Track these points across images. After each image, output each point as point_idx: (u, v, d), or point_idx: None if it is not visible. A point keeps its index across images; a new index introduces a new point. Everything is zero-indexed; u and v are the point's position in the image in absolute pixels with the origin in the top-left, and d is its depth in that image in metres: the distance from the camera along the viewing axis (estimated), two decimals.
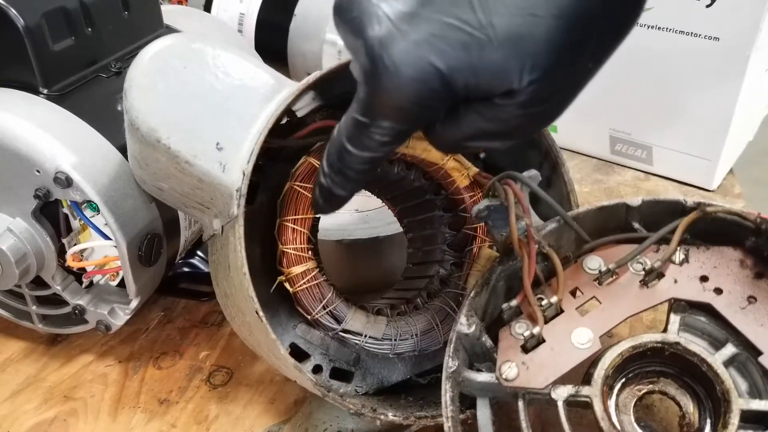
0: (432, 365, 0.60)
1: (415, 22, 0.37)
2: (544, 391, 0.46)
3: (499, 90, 0.38)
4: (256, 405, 0.66)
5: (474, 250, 0.63)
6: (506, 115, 0.39)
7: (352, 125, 0.41)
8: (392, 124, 0.40)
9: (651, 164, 0.98)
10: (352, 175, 0.43)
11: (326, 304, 0.56)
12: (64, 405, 0.66)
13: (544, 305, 0.49)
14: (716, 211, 0.51)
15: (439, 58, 0.37)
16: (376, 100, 0.39)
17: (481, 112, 0.40)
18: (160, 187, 0.58)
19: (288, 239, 0.55)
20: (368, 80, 0.39)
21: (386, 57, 0.37)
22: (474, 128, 0.40)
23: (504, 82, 0.37)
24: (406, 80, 0.37)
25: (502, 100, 0.38)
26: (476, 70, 0.37)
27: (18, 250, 0.61)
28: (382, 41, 0.37)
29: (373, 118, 0.40)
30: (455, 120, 0.41)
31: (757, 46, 0.83)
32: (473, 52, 0.37)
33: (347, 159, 0.42)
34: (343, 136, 0.42)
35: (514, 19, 0.36)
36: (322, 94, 0.59)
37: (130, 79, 0.52)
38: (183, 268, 0.79)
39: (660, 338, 0.48)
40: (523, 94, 0.38)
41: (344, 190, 0.44)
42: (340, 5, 0.39)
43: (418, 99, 0.38)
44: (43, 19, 0.62)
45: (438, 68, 0.37)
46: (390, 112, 0.39)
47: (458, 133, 0.41)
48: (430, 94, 0.38)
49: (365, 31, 0.38)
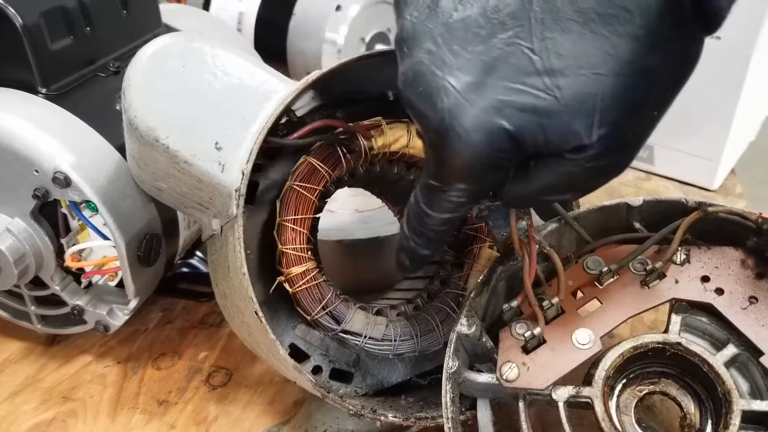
0: (432, 366, 0.60)
1: (481, 91, 0.38)
2: (544, 391, 0.46)
3: (568, 146, 0.39)
4: (256, 406, 0.66)
5: (474, 250, 0.63)
6: (577, 169, 0.40)
7: (428, 190, 0.43)
8: (466, 186, 0.41)
9: (652, 164, 0.97)
10: (433, 236, 0.45)
11: (326, 305, 0.56)
12: (63, 406, 0.66)
13: (545, 306, 0.49)
14: (717, 211, 0.51)
15: (508, 121, 0.38)
16: (448, 165, 0.41)
17: (552, 167, 0.40)
18: (159, 187, 0.57)
19: (287, 239, 0.55)
20: (440, 148, 0.40)
21: (456, 125, 0.39)
22: (545, 184, 0.41)
23: (573, 139, 0.38)
24: (477, 144, 0.39)
25: (572, 155, 0.39)
26: (545, 129, 0.38)
27: (17, 250, 0.61)
28: (451, 111, 0.39)
29: (447, 183, 0.42)
30: (526, 177, 0.42)
31: (758, 46, 0.83)
32: (541, 113, 0.38)
33: (427, 222, 0.44)
34: (421, 201, 0.44)
35: (578, 79, 0.37)
36: (322, 93, 0.59)
37: (128, 79, 0.52)
38: (182, 269, 0.79)
39: (661, 339, 0.48)
40: (592, 149, 0.39)
41: (428, 249, 0.46)
42: (406, 80, 0.40)
43: (489, 160, 0.40)
44: (41, 19, 0.62)
45: (507, 130, 0.38)
46: (463, 175, 0.41)
47: (529, 189, 0.42)
48: (501, 155, 0.39)
49: (434, 103, 0.39)
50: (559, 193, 0.43)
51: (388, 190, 0.68)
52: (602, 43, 0.37)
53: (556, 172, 0.40)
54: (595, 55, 0.37)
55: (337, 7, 1.00)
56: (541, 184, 0.42)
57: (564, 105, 0.38)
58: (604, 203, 0.54)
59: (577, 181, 0.41)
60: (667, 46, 0.38)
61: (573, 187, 0.42)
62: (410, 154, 0.59)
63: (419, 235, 0.46)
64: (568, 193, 0.43)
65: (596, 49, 0.37)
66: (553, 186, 0.42)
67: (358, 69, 0.54)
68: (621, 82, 0.37)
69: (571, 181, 0.41)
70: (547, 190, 0.42)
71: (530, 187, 0.42)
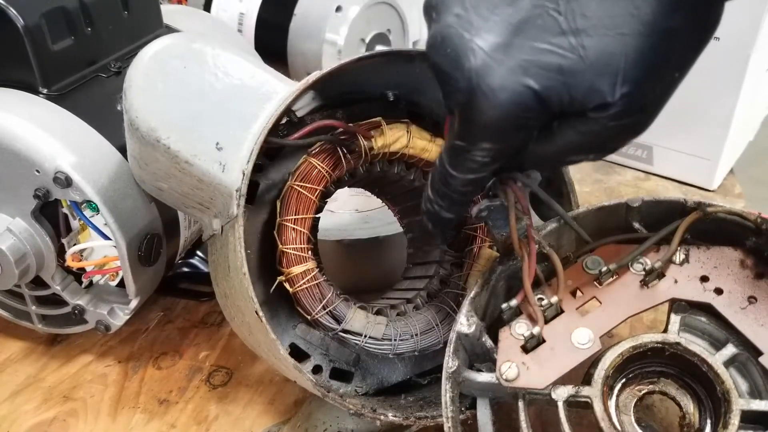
0: (432, 365, 0.60)
1: (508, 51, 0.40)
2: (544, 391, 0.46)
3: (592, 104, 0.40)
4: (256, 405, 0.66)
5: (474, 250, 0.63)
6: (599, 128, 0.41)
7: (454, 151, 0.44)
8: (491, 145, 0.42)
9: (651, 164, 0.97)
10: (456, 198, 0.46)
11: (326, 305, 0.56)
12: (64, 405, 0.66)
13: (545, 305, 0.49)
14: (717, 211, 0.51)
15: (534, 80, 0.40)
16: (475, 124, 0.42)
17: (575, 126, 0.42)
18: (160, 187, 0.58)
19: (288, 239, 0.55)
20: (467, 108, 0.41)
21: (484, 84, 0.40)
22: (568, 143, 0.43)
23: (597, 98, 0.40)
24: (503, 103, 0.40)
25: (595, 113, 0.40)
26: (570, 87, 0.40)
27: (18, 250, 0.61)
28: (478, 72, 0.40)
29: (473, 142, 0.43)
30: (549, 137, 0.43)
31: (757, 46, 0.83)
32: (566, 72, 0.39)
33: (452, 183, 0.45)
34: (446, 163, 0.45)
35: (603, 39, 0.39)
36: (322, 93, 0.59)
37: (129, 79, 0.52)
38: (183, 268, 0.79)
39: (660, 338, 0.48)
40: (615, 107, 0.40)
41: (450, 212, 0.48)
42: (434, 43, 0.42)
43: (515, 119, 0.41)
44: (42, 19, 0.62)
45: (533, 89, 0.40)
46: (488, 134, 0.42)
47: (553, 149, 0.43)
48: (527, 113, 0.41)
49: (462, 64, 0.41)
50: (581, 153, 0.44)
51: (388, 190, 0.68)
52: (626, 4, 0.39)
53: (579, 131, 0.42)
54: (619, 15, 0.39)
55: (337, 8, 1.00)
56: (564, 144, 0.43)
57: (588, 64, 0.39)
58: (603, 203, 0.54)
59: (600, 140, 0.42)
60: (689, 8, 0.39)
61: (595, 146, 0.43)
62: (410, 154, 0.59)
63: (443, 197, 0.47)
64: (591, 154, 0.44)
65: (620, 10, 0.39)
66: (576, 145, 0.43)
67: (358, 70, 0.55)
68: (644, 42, 0.39)
69: (594, 141, 0.42)
70: (570, 149, 0.43)
71: (553, 147, 0.43)
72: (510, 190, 0.51)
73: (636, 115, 0.41)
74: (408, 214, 0.69)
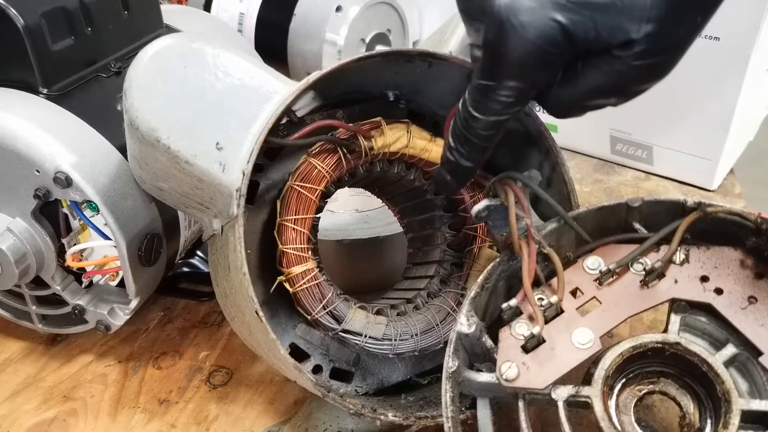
0: (432, 365, 0.60)
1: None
2: (544, 391, 0.46)
3: (616, 41, 0.41)
4: (256, 405, 0.66)
5: (474, 250, 0.63)
6: (623, 67, 0.42)
7: (477, 92, 0.45)
8: (517, 83, 0.44)
9: (651, 164, 0.97)
10: (477, 143, 0.47)
11: (326, 304, 0.56)
12: (64, 405, 0.66)
13: (545, 305, 0.49)
14: (717, 211, 0.51)
15: (562, 14, 0.41)
16: (502, 61, 0.43)
17: (599, 66, 0.43)
18: (160, 187, 0.58)
19: (288, 239, 0.55)
20: (494, 44, 0.43)
21: (513, 18, 0.42)
22: (592, 84, 0.44)
23: (622, 33, 0.41)
24: (531, 37, 0.42)
25: (620, 51, 0.42)
26: (596, 23, 0.41)
27: (18, 250, 0.61)
28: (507, 6, 0.42)
29: (499, 80, 0.44)
30: (573, 79, 0.44)
31: (757, 46, 0.83)
32: (593, 7, 0.41)
33: (474, 126, 0.46)
34: (469, 105, 0.46)
35: None
36: (322, 94, 0.59)
37: (129, 79, 0.52)
38: (183, 268, 0.79)
39: (660, 338, 0.48)
40: (639, 44, 0.41)
41: (470, 160, 0.48)
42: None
43: (542, 54, 0.42)
44: (42, 19, 0.62)
45: (561, 23, 0.41)
46: (515, 71, 0.43)
47: (577, 91, 0.45)
48: (554, 49, 0.42)
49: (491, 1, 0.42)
50: (604, 96, 0.45)
51: (388, 190, 0.68)
52: None
53: (604, 71, 0.43)
54: None
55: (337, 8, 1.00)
56: (588, 85, 0.44)
57: (615, 0, 0.41)
58: (603, 203, 0.54)
59: (623, 81, 0.43)
60: None
61: (618, 88, 0.44)
62: (410, 154, 0.59)
63: (464, 143, 0.47)
64: (613, 97, 0.45)
65: None
66: (600, 87, 0.44)
67: (358, 69, 0.55)
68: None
69: (617, 81, 0.43)
70: (594, 91, 0.45)
71: (578, 88, 0.45)
72: (510, 190, 0.51)
73: (659, 55, 0.42)
74: (408, 214, 0.69)
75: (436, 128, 0.61)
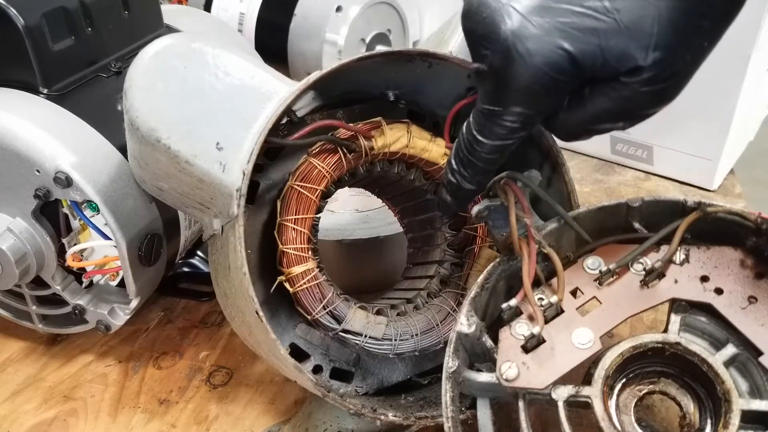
0: (432, 365, 0.60)
1: (544, 14, 0.41)
2: (544, 391, 0.46)
3: (624, 68, 0.41)
4: (256, 405, 0.66)
5: (474, 250, 0.63)
6: (631, 93, 0.42)
7: (482, 116, 0.45)
8: (523, 109, 0.43)
9: (651, 164, 0.97)
10: (480, 166, 0.47)
11: (326, 304, 0.56)
12: (64, 405, 0.66)
13: (545, 305, 0.49)
14: (717, 211, 0.51)
15: (569, 42, 0.41)
16: (508, 87, 0.43)
17: (607, 93, 0.43)
18: (160, 187, 0.58)
19: (288, 239, 0.55)
20: (501, 70, 0.42)
21: (519, 45, 0.41)
22: (599, 109, 0.44)
23: (630, 61, 0.41)
24: (538, 64, 0.41)
25: (627, 78, 0.42)
26: (604, 50, 0.41)
27: (18, 250, 0.61)
28: (514, 33, 0.41)
29: (505, 106, 0.44)
30: (581, 104, 0.44)
31: (757, 46, 0.83)
32: (600, 35, 0.41)
33: (478, 150, 0.46)
34: (474, 129, 0.46)
35: (637, 3, 0.41)
36: (322, 94, 0.59)
37: (130, 79, 0.52)
38: (183, 268, 0.79)
39: (660, 338, 0.48)
40: (647, 72, 0.41)
41: (472, 183, 0.48)
42: (470, 9, 0.43)
43: (548, 81, 0.42)
44: (43, 19, 0.62)
45: (568, 51, 0.41)
46: (521, 97, 0.43)
47: (584, 116, 0.44)
48: (561, 76, 0.42)
49: (497, 26, 0.42)
50: (611, 121, 0.45)
51: (388, 190, 0.68)
52: None
53: (611, 97, 0.43)
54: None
55: (337, 8, 1.00)
56: (596, 110, 0.44)
57: (622, 27, 0.41)
58: (603, 203, 0.54)
59: (630, 106, 0.43)
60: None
61: (626, 113, 0.44)
62: (410, 154, 0.59)
63: (467, 166, 0.47)
64: (620, 121, 0.45)
65: None
66: (607, 112, 0.44)
67: (358, 69, 0.55)
68: (676, 8, 0.40)
69: (624, 107, 0.43)
70: (601, 116, 0.44)
71: (584, 114, 0.44)
72: (510, 190, 0.51)
73: (667, 81, 0.42)
74: (408, 214, 0.69)
75: (436, 128, 0.61)
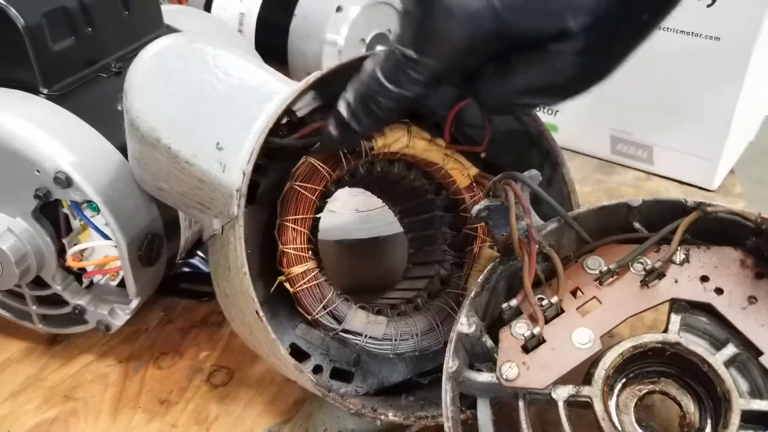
0: (432, 365, 0.60)
1: None
2: (544, 391, 0.46)
3: (552, 32, 0.38)
4: (257, 405, 0.66)
5: (474, 250, 0.63)
6: (560, 64, 0.39)
7: (392, 61, 0.42)
8: (435, 63, 0.40)
9: (652, 164, 0.97)
10: (374, 110, 0.44)
11: (326, 304, 0.56)
12: (65, 405, 0.66)
13: (545, 305, 0.49)
14: (717, 211, 0.51)
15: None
16: (426, 37, 0.40)
17: (534, 61, 0.40)
18: (161, 187, 0.58)
19: (288, 239, 0.55)
20: (421, 18, 0.39)
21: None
22: (525, 80, 0.41)
23: (558, 22, 0.38)
24: (460, 17, 0.38)
25: (556, 45, 0.39)
26: (530, 9, 0.38)
27: (18, 250, 0.61)
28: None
29: (420, 54, 0.40)
30: (506, 72, 0.41)
31: (758, 46, 0.83)
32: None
33: (378, 93, 0.43)
34: (379, 69, 0.43)
35: None
36: (322, 94, 0.59)
37: (130, 79, 0.52)
38: (183, 268, 0.79)
39: (661, 338, 0.48)
40: (577, 41, 0.38)
41: (360, 125, 0.45)
42: None
43: (469, 39, 0.39)
44: (43, 19, 0.62)
45: (494, 8, 0.38)
46: (438, 50, 0.40)
47: (509, 87, 0.42)
48: (483, 33, 0.39)
49: None
50: (538, 95, 0.42)
51: (388, 190, 0.68)
52: None
53: (538, 68, 0.40)
54: None
55: (337, 8, 1.00)
56: (522, 82, 0.41)
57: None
58: (603, 203, 0.54)
59: (559, 79, 0.40)
60: None
61: (554, 87, 0.41)
62: (410, 154, 0.59)
63: (361, 104, 0.45)
64: (547, 97, 0.43)
65: None
66: (533, 83, 0.41)
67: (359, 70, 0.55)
68: None
69: (553, 80, 0.40)
70: (528, 89, 0.41)
71: (510, 85, 0.41)
72: (510, 190, 0.51)
73: (596, 54, 0.39)
74: (408, 214, 0.69)
75: (436, 128, 0.61)
